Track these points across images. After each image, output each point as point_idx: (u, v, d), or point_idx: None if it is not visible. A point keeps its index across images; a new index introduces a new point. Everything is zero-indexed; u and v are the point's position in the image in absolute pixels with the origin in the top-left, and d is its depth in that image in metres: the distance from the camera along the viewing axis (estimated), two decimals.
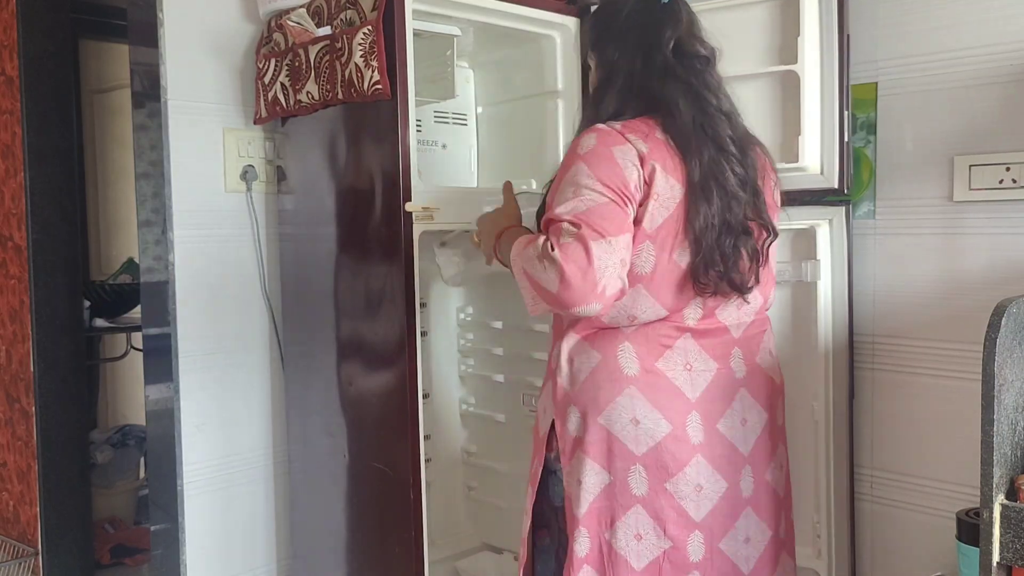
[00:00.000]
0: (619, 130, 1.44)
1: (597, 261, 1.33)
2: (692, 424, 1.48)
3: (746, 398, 1.54)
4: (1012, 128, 1.73)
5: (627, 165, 1.40)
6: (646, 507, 1.46)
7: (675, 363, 1.48)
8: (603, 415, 1.47)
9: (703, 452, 1.48)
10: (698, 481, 1.47)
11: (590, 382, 1.48)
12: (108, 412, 3.89)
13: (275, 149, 2.26)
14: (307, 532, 2.24)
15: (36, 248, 2.53)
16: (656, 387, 1.46)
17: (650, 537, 1.47)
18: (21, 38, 2.49)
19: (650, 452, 1.45)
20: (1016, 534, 1.21)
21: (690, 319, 1.49)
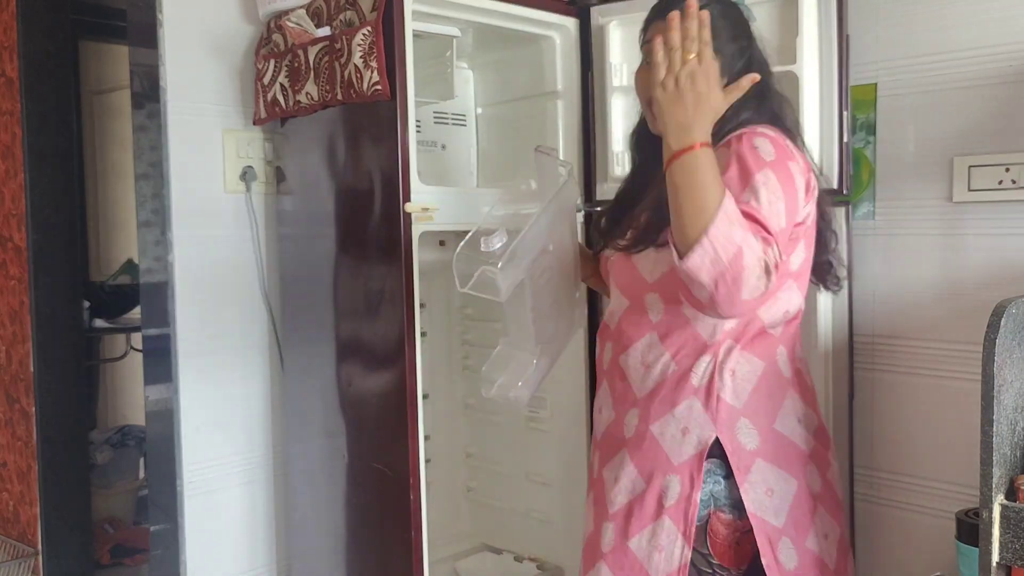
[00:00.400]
0: (787, 143, 1.40)
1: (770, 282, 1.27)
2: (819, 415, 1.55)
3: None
4: (1012, 128, 1.73)
5: (800, 180, 1.37)
6: (824, 504, 1.48)
7: (801, 356, 1.54)
8: (777, 421, 1.45)
9: (829, 442, 1.56)
10: (837, 464, 1.57)
11: (758, 391, 1.44)
12: (108, 412, 3.90)
13: (274, 150, 2.26)
14: (307, 532, 2.24)
15: (36, 248, 2.53)
16: (805, 386, 1.52)
17: (832, 532, 1.49)
18: (21, 39, 2.49)
19: (808, 446, 1.47)
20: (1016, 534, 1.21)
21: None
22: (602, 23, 2.13)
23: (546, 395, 2.31)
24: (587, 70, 2.19)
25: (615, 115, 2.14)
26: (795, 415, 1.46)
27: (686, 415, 1.42)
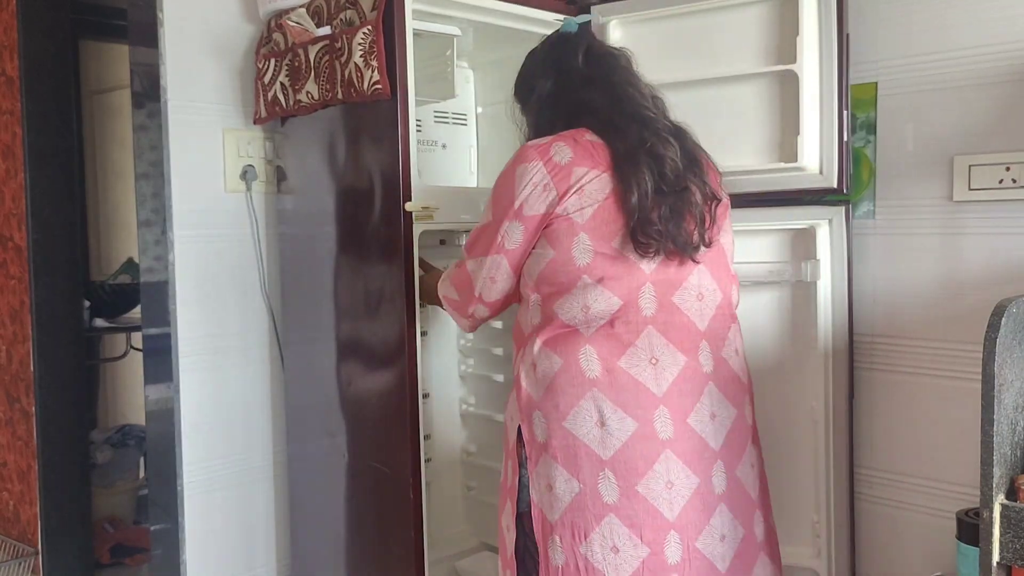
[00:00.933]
0: (541, 144, 1.51)
1: (471, 275, 1.59)
2: (660, 419, 1.45)
3: (714, 392, 1.52)
4: (1012, 128, 1.73)
5: (523, 183, 1.49)
6: (619, 515, 1.43)
7: (640, 359, 1.46)
8: (568, 420, 1.46)
9: (672, 447, 1.45)
10: (668, 478, 1.44)
11: (553, 387, 1.47)
12: (108, 412, 3.90)
13: (275, 149, 2.26)
14: (307, 532, 2.24)
15: (36, 248, 2.53)
16: (620, 386, 1.45)
17: (627, 548, 1.43)
18: (21, 38, 2.49)
19: (618, 454, 1.43)
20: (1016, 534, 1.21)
21: (647, 309, 1.47)
22: (602, 23, 2.13)
23: None
24: None
25: None
26: (595, 417, 1.44)
27: (511, 403, 1.57)
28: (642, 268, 1.47)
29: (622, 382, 1.45)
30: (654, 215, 1.45)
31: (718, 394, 1.52)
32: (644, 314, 1.47)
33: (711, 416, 1.51)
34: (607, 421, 1.44)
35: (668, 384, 1.46)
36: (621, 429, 1.44)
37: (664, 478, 1.44)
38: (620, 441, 1.43)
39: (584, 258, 1.46)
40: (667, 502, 1.44)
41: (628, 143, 1.49)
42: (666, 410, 1.46)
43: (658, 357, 1.47)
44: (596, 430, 1.44)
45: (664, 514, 1.44)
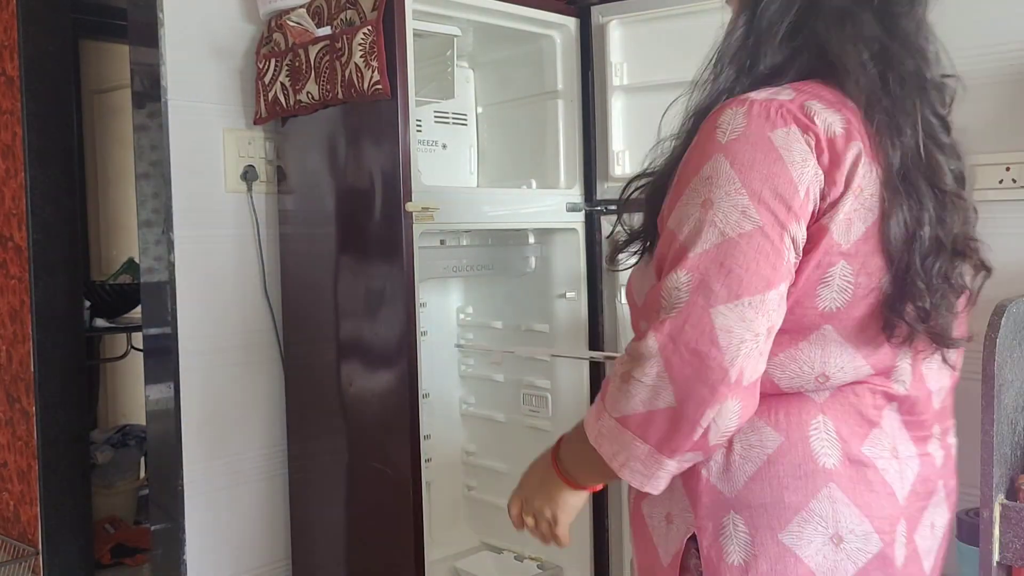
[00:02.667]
0: (785, 101, 0.93)
1: (723, 337, 0.87)
2: (899, 537, 0.99)
3: (939, 493, 1.06)
4: (1012, 128, 1.73)
5: (794, 159, 0.91)
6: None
7: (883, 447, 0.98)
8: (788, 531, 0.95)
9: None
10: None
11: (766, 478, 0.96)
12: (108, 412, 3.90)
13: (275, 149, 2.26)
14: (307, 532, 2.24)
15: (36, 248, 2.53)
16: (866, 484, 0.96)
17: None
18: (21, 38, 2.49)
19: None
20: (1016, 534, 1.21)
21: (899, 383, 1.00)
22: (602, 22, 2.13)
23: (546, 394, 2.31)
24: (587, 69, 2.19)
25: (615, 114, 2.14)
26: (830, 529, 0.95)
27: (668, 494, 1.00)
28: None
29: (870, 479, 0.97)
30: (920, 283, 0.95)
31: (942, 495, 1.07)
32: (894, 389, 1.00)
33: (931, 527, 1.06)
34: (846, 536, 0.95)
35: (909, 486, 1.00)
36: (864, 548, 0.96)
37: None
38: (858, 565, 0.96)
39: (838, 300, 0.94)
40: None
41: (904, 149, 0.96)
42: (904, 524, 1.00)
43: (898, 448, 1.00)
44: (829, 551, 0.95)
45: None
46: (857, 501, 0.96)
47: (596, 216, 2.21)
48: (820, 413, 0.97)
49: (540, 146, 2.32)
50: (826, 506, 0.95)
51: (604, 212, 2.20)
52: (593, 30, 2.16)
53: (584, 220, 2.22)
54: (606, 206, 2.20)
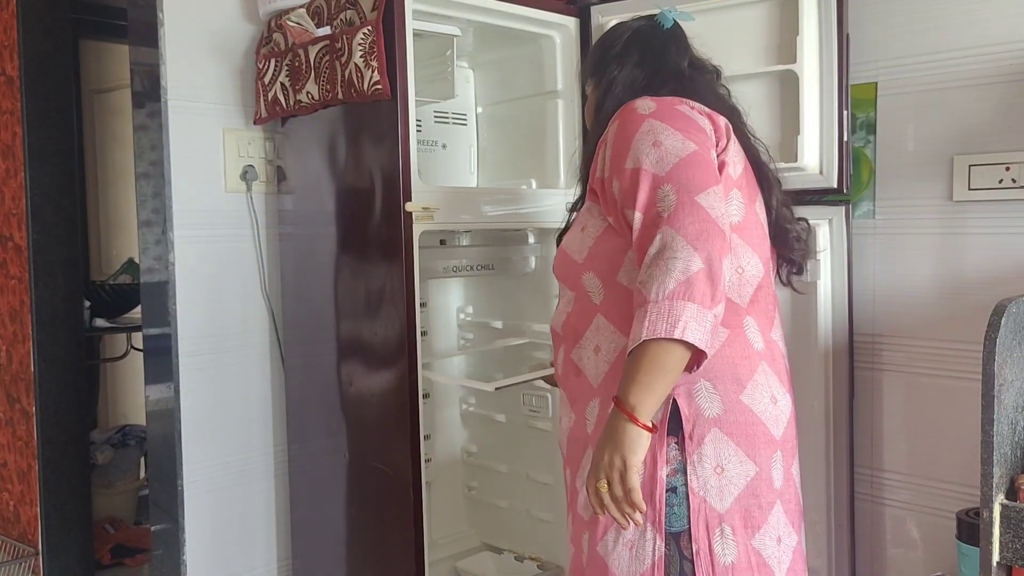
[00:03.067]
0: (675, 101, 1.36)
1: (712, 211, 1.20)
2: (788, 392, 1.39)
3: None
4: (1012, 128, 1.73)
5: (696, 117, 1.32)
6: (783, 502, 1.31)
7: (778, 333, 1.40)
8: (746, 392, 1.28)
9: (797, 428, 1.42)
10: (798, 463, 1.40)
11: (724, 358, 1.28)
12: (108, 412, 3.90)
13: (275, 149, 2.26)
14: (307, 532, 2.24)
15: (36, 248, 2.53)
16: (776, 360, 1.36)
17: (786, 539, 1.30)
18: (21, 38, 2.49)
19: (785, 434, 1.33)
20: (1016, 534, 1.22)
21: (774, 282, 1.43)
22: (602, 22, 2.13)
23: (546, 394, 2.31)
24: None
25: None
26: (768, 393, 1.30)
27: None
28: (766, 233, 1.41)
29: (776, 356, 1.36)
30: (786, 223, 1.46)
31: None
32: (773, 287, 1.41)
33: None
34: (777, 398, 1.32)
35: (787, 366, 1.41)
36: (786, 406, 1.34)
37: (798, 461, 1.39)
38: (786, 419, 1.33)
39: (736, 215, 1.33)
40: (799, 488, 1.38)
41: (751, 150, 1.43)
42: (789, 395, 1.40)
43: (780, 336, 1.41)
44: (771, 407, 1.30)
45: (800, 500, 1.38)
46: (776, 372, 1.33)
47: None
48: (747, 314, 1.32)
49: (540, 146, 2.32)
50: (763, 377, 1.30)
51: None
52: (593, 30, 2.16)
53: None
54: None
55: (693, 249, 1.16)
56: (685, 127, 1.28)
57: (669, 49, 1.47)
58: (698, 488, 1.24)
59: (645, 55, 1.46)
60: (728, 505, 1.24)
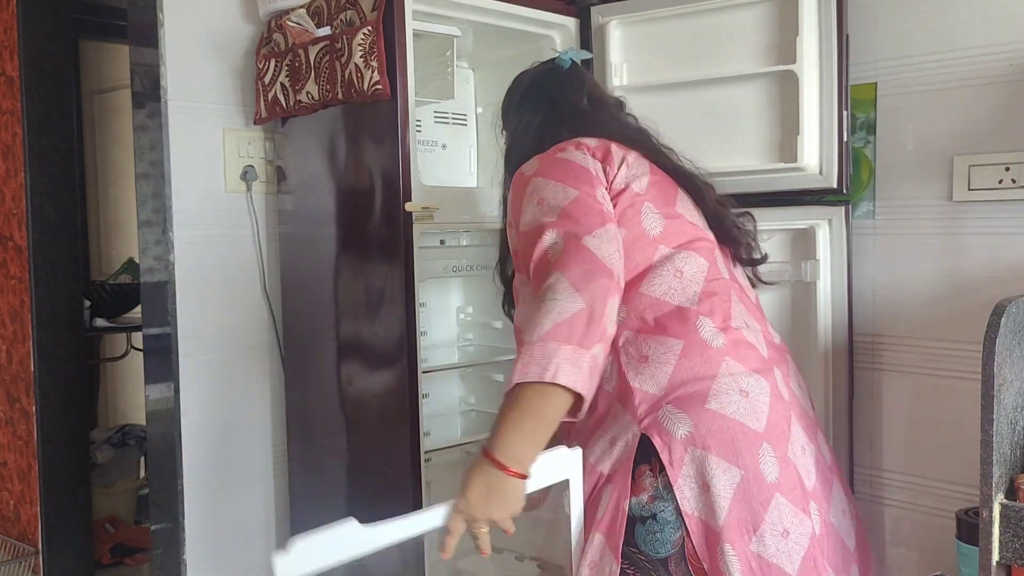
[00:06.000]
0: (561, 143, 1.43)
1: (598, 252, 1.23)
2: (778, 378, 1.35)
3: (790, 361, 1.48)
4: (1012, 128, 1.73)
5: (580, 157, 1.37)
6: (783, 492, 1.26)
7: (739, 320, 1.36)
8: (711, 400, 1.26)
9: (793, 409, 1.35)
10: (800, 442, 1.32)
11: (680, 371, 1.28)
12: (108, 412, 3.90)
13: (275, 149, 2.26)
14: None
15: (36, 248, 2.53)
16: (741, 347, 1.33)
17: (795, 528, 1.26)
18: (21, 38, 2.50)
19: (768, 421, 1.28)
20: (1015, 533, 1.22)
21: (723, 270, 1.41)
22: (602, 23, 2.13)
23: None
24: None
25: None
26: (735, 388, 1.27)
27: (611, 424, 1.31)
28: (704, 230, 1.43)
29: (742, 343, 1.33)
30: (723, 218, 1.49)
31: (792, 363, 1.46)
32: (729, 276, 1.42)
33: (798, 384, 1.43)
34: (748, 388, 1.28)
35: (764, 347, 1.37)
36: (761, 392, 1.29)
37: (799, 441, 1.31)
38: (766, 406, 1.28)
39: (657, 226, 1.36)
40: (805, 468, 1.31)
41: (668, 162, 1.48)
42: (778, 371, 1.36)
43: (746, 321, 1.37)
44: (743, 402, 1.27)
45: (806, 483, 1.30)
46: (742, 361, 1.30)
47: None
48: (697, 314, 1.31)
49: None
50: (726, 376, 1.28)
51: None
52: (593, 30, 2.16)
53: None
54: None
55: (575, 290, 1.18)
56: (565, 176, 1.34)
57: (565, 90, 1.56)
58: (692, 511, 1.24)
59: (541, 100, 1.56)
60: (723, 519, 1.22)
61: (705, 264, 1.37)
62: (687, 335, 1.29)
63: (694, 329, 1.30)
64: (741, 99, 1.96)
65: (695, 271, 1.35)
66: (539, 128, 1.52)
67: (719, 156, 1.99)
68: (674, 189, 1.44)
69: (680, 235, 1.38)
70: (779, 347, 1.44)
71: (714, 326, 1.31)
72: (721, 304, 1.35)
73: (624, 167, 1.38)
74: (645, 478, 1.26)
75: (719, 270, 1.39)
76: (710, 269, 1.37)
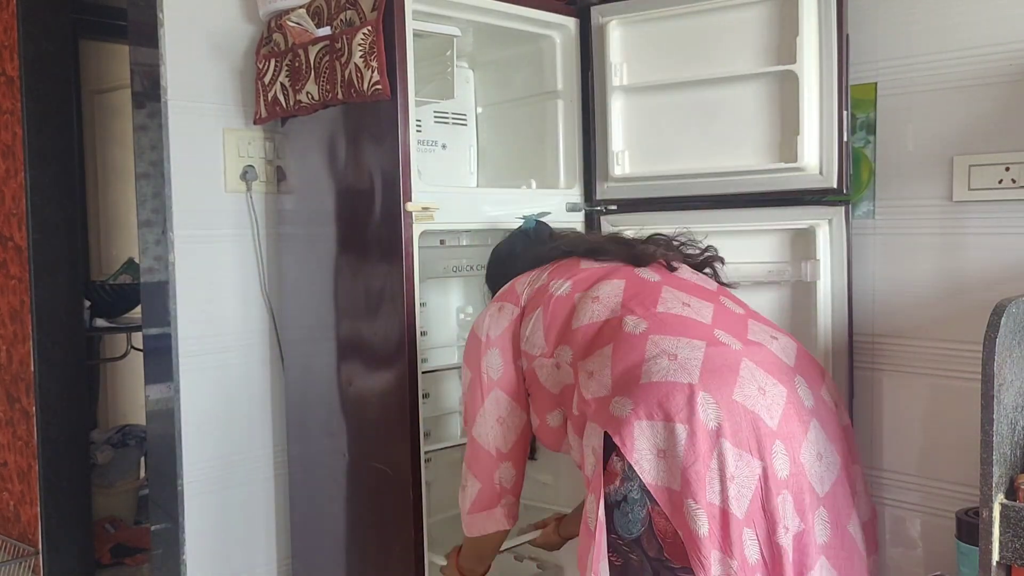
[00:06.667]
0: (508, 287, 1.68)
1: (480, 439, 1.65)
2: (723, 336, 1.48)
3: None
4: (1012, 128, 1.73)
5: (497, 311, 1.65)
6: (727, 436, 1.31)
7: (672, 304, 1.52)
8: (643, 376, 1.36)
9: (751, 354, 1.44)
10: (760, 382, 1.39)
11: (618, 366, 1.41)
12: (108, 412, 3.90)
13: (275, 149, 2.26)
14: (307, 532, 2.24)
15: (36, 248, 2.53)
16: (668, 321, 1.45)
17: (741, 471, 1.30)
18: (21, 38, 2.50)
19: (704, 372, 1.36)
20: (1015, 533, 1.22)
21: (654, 277, 1.62)
22: (602, 23, 2.13)
23: None
24: (587, 70, 2.19)
25: (615, 115, 2.14)
26: (663, 355, 1.37)
27: (588, 438, 1.41)
28: (618, 267, 1.61)
29: (665, 318, 1.43)
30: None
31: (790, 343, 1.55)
32: (653, 279, 1.56)
33: (782, 348, 1.48)
34: (676, 351, 1.37)
35: (714, 320, 1.47)
36: (693, 349, 1.38)
37: (753, 383, 1.34)
38: (697, 360, 1.35)
39: (564, 289, 1.57)
40: (765, 408, 1.33)
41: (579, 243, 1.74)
42: (725, 333, 1.44)
43: (684, 302, 1.49)
44: (671, 364, 1.34)
45: (766, 422, 1.32)
46: (668, 332, 1.42)
47: (596, 216, 2.21)
48: (622, 318, 1.46)
49: (540, 146, 2.32)
50: (655, 353, 1.39)
51: (604, 212, 2.20)
52: (593, 30, 2.16)
53: (584, 220, 2.22)
54: (606, 206, 2.20)
55: (473, 476, 1.66)
56: (475, 351, 1.64)
57: (516, 246, 1.84)
58: (653, 479, 1.30)
59: (501, 263, 1.85)
60: (679, 478, 1.29)
61: (622, 282, 1.52)
62: (614, 336, 1.43)
63: (619, 328, 1.43)
64: (741, 99, 1.96)
65: (611, 291, 1.51)
66: (498, 284, 1.78)
67: (719, 156, 1.99)
68: (576, 260, 1.64)
69: (588, 279, 1.56)
70: (761, 333, 1.47)
71: (637, 316, 1.44)
72: (645, 299, 1.48)
73: (527, 287, 1.63)
74: (615, 464, 1.32)
75: (643, 279, 1.53)
76: (629, 284, 1.52)
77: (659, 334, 1.40)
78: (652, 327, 1.41)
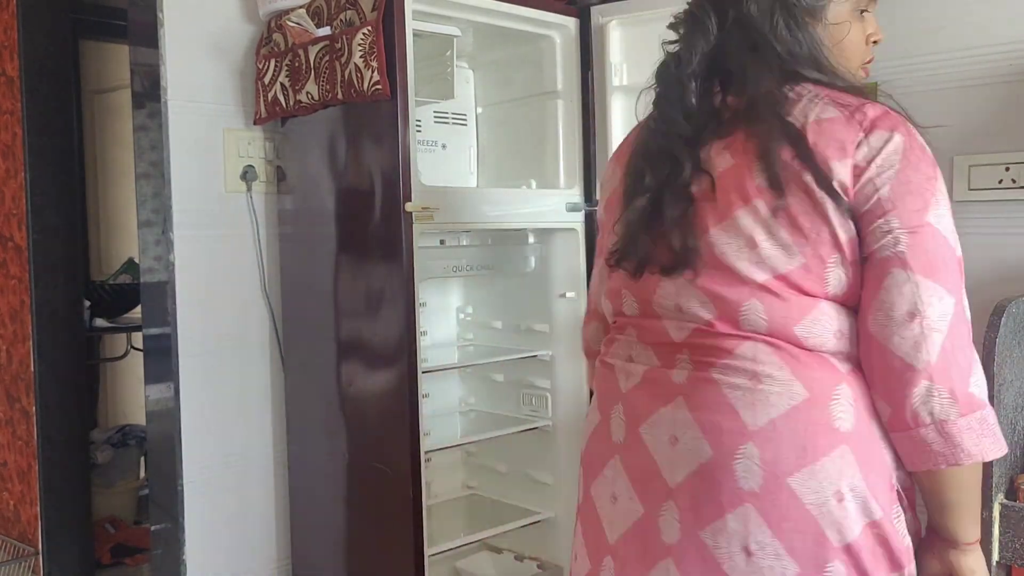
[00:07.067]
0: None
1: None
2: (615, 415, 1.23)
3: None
4: (1012, 128, 1.73)
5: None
6: (581, 519, 1.20)
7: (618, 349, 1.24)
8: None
9: (624, 453, 1.20)
10: (614, 491, 1.18)
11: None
12: (108, 412, 3.90)
13: (275, 149, 2.26)
14: (307, 532, 2.24)
15: (36, 248, 2.53)
16: (599, 375, 1.24)
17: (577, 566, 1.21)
18: (21, 38, 2.50)
19: (587, 453, 1.23)
20: (1015, 533, 1.22)
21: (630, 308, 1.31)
22: (602, 23, 2.13)
23: (546, 394, 2.32)
24: (587, 70, 2.19)
25: (615, 115, 2.14)
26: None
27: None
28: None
29: (599, 372, 1.25)
30: None
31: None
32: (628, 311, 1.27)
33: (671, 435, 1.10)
34: (588, 416, 1.22)
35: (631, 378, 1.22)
36: (589, 424, 1.22)
37: (608, 489, 1.15)
38: (586, 438, 1.23)
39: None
40: (607, 518, 1.15)
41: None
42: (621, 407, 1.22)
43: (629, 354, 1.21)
44: (585, 429, 1.22)
45: (607, 533, 1.13)
46: (595, 390, 1.22)
47: (596, 216, 2.21)
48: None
49: (540, 146, 2.32)
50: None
51: None
52: (593, 30, 2.16)
53: (584, 220, 2.22)
54: None
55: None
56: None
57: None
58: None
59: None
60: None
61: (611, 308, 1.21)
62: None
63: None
64: None
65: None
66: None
67: None
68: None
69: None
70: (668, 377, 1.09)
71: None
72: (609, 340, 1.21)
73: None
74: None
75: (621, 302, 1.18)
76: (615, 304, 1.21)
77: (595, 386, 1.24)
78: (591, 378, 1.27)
